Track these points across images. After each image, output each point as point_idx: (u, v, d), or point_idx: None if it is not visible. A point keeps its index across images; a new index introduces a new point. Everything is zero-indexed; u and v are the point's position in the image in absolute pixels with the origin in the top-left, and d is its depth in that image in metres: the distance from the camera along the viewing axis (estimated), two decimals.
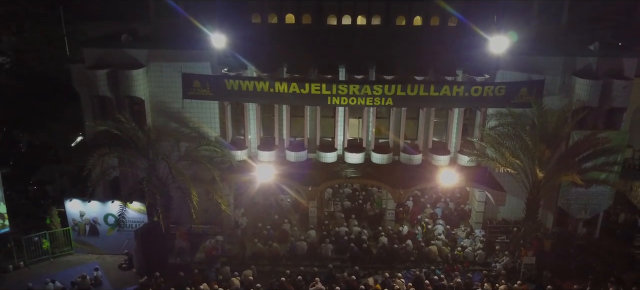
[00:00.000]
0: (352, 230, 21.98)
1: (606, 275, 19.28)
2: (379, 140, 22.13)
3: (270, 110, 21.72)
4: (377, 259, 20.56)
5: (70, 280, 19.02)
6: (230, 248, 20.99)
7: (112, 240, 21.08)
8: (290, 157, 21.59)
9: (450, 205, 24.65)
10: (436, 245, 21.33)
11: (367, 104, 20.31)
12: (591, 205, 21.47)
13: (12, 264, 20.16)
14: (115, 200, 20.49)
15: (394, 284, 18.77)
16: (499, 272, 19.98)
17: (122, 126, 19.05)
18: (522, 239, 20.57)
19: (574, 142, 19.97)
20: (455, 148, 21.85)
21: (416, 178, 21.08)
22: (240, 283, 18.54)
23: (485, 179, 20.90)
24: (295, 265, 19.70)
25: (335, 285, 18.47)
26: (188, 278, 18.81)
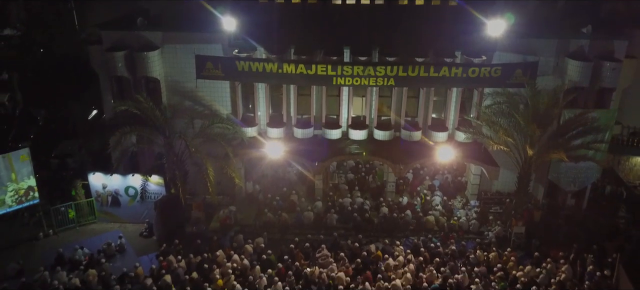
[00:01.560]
0: (355, 201, 23.53)
1: (590, 243, 20.82)
2: (381, 118, 23.42)
3: (279, 89, 22.97)
4: (379, 228, 22.12)
5: (97, 247, 20.69)
6: (243, 217, 22.58)
7: (133, 210, 22.69)
8: (297, 134, 22.98)
9: (448, 177, 26.13)
10: (433, 215, 22.88)
11: (370, 84, 21.50)
12: (580, 178, 22.83)
13: (42, 232, 21.80)
14: (135, 174, 22.02)
15: (393, 251, 20.38)
16: (491, 240, 21.57)
17: (140, 106, 20.34)
18: (514, 210, 22.11)
19: (564, 121, 21.22)
20: (453, 125, 23.17)
21: (416, 154, 22.49)
22: (252, 249, 20.21)
23: (480, 154, 22.26)
24: (303, 234, 21.29)
25: (339, 251, 20.09)
26: (205, 245, 20.50)
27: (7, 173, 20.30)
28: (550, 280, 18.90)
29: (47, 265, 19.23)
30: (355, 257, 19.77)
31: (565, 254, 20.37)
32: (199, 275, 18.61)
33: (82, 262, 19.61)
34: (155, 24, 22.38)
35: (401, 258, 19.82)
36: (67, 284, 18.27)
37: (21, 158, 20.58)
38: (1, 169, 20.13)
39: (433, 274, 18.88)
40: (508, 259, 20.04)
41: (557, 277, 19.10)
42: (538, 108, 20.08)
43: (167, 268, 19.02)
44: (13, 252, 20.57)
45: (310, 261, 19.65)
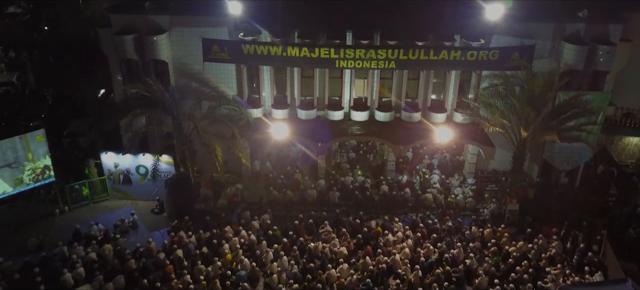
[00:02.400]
0: (357, 179, 24.49)
1: (580, 220, 21.78)
2: (382, 99, 24.17)
3: (283, 72, 23.66)
4: (379, 205, 23.08)
5: (111, 223, 21.76)
6: (249, 195, 23.57)
7: (144, 188, 23.68)
8: (301, 115, 23.77)
9: (446, 156, 27.01)
10: (432, 193, 23.85)
11: (372, 67, 22.16)
12: (573, 158, 23.68)
13: (58, 209, 22.85)
14: (145, 153, 22.95)
15: (392, 227, 21.40)
16: (486, 217, 22.55)
17: (150, 88, 21.13)
18: (508, 188, 23.07)
19: (559, 103, 21.94)
20: (451, 106, 23.94)
21: (415, 134, 23.31)
22: (259, 225, 21.25)
23: (477, 135, 23.08)
24: (307, 211, 22.30)
25: (341, 227, 21.14)
26: (214, 221, 21.55)
27: (24, 153, 21.22)
28: (541, 255, 19.93)
29: (65, 240, 20.31)
30: (356, 232, 20.83)
31: (556, 230, 21.38)
32: (209, 250, 19.68)
33: (98, 237, 20.66)
34: (163, 7, 22.90)
35: (400, 234, 20.84)
36: (84, 258, 19.34)
37: (37, 138, 21.48)
38: (18, 149, 21.04)
39: (430, 249, 19.92)
40: (502, 235, 21.03)
41: (548, 252, 20.16)
42: (533, 91, 20.79)
43: (178, 243, 20.10)
44: (32, 228, 21.65)
45: (313, 236, 20.69)
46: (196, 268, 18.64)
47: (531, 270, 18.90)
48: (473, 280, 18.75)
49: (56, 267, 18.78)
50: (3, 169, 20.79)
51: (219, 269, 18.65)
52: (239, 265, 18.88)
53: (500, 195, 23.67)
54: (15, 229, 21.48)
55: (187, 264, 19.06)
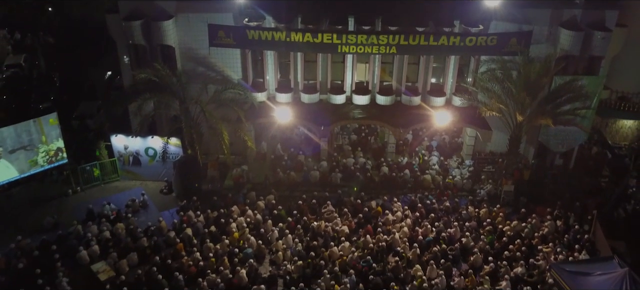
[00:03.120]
0: (358, 161, 25.30)
1: (573, 201, 22.67)
2: (383, 83, 24.83)
3: (287, 56, 24.28)
4: (379, 185, 23.96)
5: (123, 203, 22.60)
6: (254, 176, 24.42)
7: (152, 169, 24.51)
8: (304, 99, 24.47)
9: (445, 138, 27.76)
10: (430, 174, 24.68)
11: (373, 52, 22.79)
12: (568, 140, 24.40)
13: (71, 189, 23.73)
14: (154, 136, 23.73)
15: (392, 207, 22.28)
16: (482, 197, 23.43)
17: (158, 73, 21.76)
18: (505, 170, 23.89)
19: (555, 87, 22.57)
20: (451, 90, 24.60)
21: (415, 118, 24.04)
22: (264, 205, 22.14)
23: (475, 118, 23.77)
24: (310, 191, 23.14)
25: (343, 207, 22.01)
26: (220, 201, 22.45)
27: (38, 136, 22.02)
28: (534, 234, 20.83)
29: (79, 219, 21.25)
30: (357, 212, 21.73)
31: (549, 210, 22.25)
32: (217, 229, 20.61)
33: (110, 217, 21.59)
34: None
35: (399, 213, 21.73)
36: (98, 236, 20.32)
37: (50, 121, 22.25)
38: (33, 132, 21.83)
39: (428, 228, 20.83)
40: (497, 214, 21.91)
41: (541, 231, 21.06)
42: (529, 76, 21.41)
43: (187, 222, 21.03)
44: (46, 207, 22.53)
45: (316, 216, 21.56)
46: (205, 246, 19.60)
47: (524, 248, 19.87)
48: (468, 258, 19.71)
49: (72, 244, 19.77)
50: (18, 151, 21.61)
51: (227, 246, 19.60)
52: (246, 243, 19.83)
53: (496, 177, 24.50)
54: (31, 208, 22.38)
55: (197, 242, 20.02)
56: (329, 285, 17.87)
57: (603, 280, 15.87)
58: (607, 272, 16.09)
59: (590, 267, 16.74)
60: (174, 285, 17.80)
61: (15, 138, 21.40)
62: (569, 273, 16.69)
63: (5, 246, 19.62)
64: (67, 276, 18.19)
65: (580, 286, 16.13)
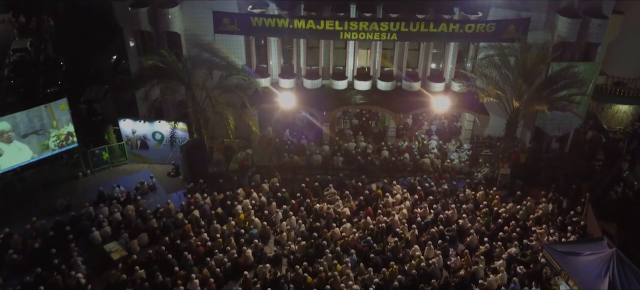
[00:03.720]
0: (359, 145, 26.00)
1: (567, 183, 23.43)
2: (384, 69, 25.38)
3: (290, 42, 24.80)
4: (379, 169, 24.69)
5: (131, 185, 23.37)
6: (259, 159, 25.16)
7: (159, 152, 25.26)
8: (307, 84, 25.07)
9: (444, 122, 28.40)
10: (429, 158, 25.39)
11: (374, 39, 23.31)
12: (564, 124, 24.95)
13: (81, 172, 24.49)
14: (161, 121, 24.42)
15: (392, 189, 23.06)
16: (480, 180, 24.17)
17: (165, 60, 22.33)
18: (501, 154, 24.59)
19: (551, 73, 23.10)
20: (450, 76, 25.17)
21: (415, 103, 24.65)
22: (268, 188, 22.92)
23: (473, 103, 24.37)
24: (312, 175, 23.91)
25: (345, 190, 22.76)
26: (226, 184, 23.22)
27: (49, 121, 22.70)
28: (528, 216, 21.58)
29: (90, 201, 22.08)
30: (358, 194, 22.51)
31: (544, 193, 23.02)
32: (223, 210, 21.42)
33: (120, 199, 22.39)
34: None
35: (399, 196, 22.52)
36: (110, 217, 21.16)
37: (61, 107, 22.91)
38: (44, 117, 22.51)
39: (426, 210, 21.62)
40: (493, 197, 22.66)
41: (535, 213, 21.84)
42: (526, 63, 21.95)
43: (194, 204, 21.83)
44: (58, 189, 23.33)
45: (319, 198, 22.34)
46: (212, 227, 20.43)
47: (518, 229, 20.64)
48: (465, 239, 20.52)
49: (85, 225, 20.62)
50: (30, 136, 22.32)
51: (233, 227, 20.43)
52: (251, 224, 20.64)
53: (493, 160, 25.21)
54: (43, 190, 23.18)
55: (204, 223, 20.83)
56: (331, 264, 18.71)
57: (592, 259, 16.63)
58: (595, 252, 16.82)
59: (580, 248, 17.48)
60: (184, 264, 18.63)
61: (28, 123, 22.10)
62: (560, 253, 17.46)
63: (21, 226, 20.45)
64: (81, 255, 19.06)
65: (570, 266, 16.90)
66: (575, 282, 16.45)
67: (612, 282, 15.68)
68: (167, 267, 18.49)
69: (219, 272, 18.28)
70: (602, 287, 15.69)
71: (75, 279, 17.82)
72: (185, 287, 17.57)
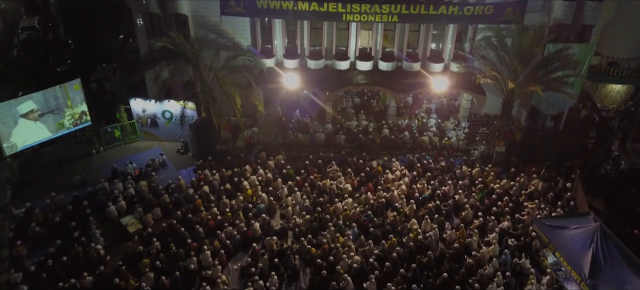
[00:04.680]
0: (361, 124, 26.97)
1: (560, 160, 24.45)
2: (385, 50, 26.15)
3: (294, 24, 25.51)
4: (380, 146, 25.69)
5: (143, 162, 24.43)
6: (264, 137, 26.18)
7: (169, 130, 26.25)
8: (310, 64, 25.89)
9: (443, 101, 29.28)
10: (428, 136, 26.37)
11: (376, 20, 24.07)
12: (558, 103, 25.86)
13: (94, 149, 25.55)
14: (170, 100, 25.36)
15: (391, 166, 24.15)
16: (476, 157, 25.21)
17: (174, 41, 23.15)
18: (497, 132, 25.56)
19: (547, 54, 23.88)
20: (449, 57, 25.95)
21: (415, 83, 25.51)
22: (274, 165, 24.00)
23: (471, 84, 25.21)
24: (316, 152, 24.94)
25: (346, 167, 23.87)
26: (234, 161, 24.31)
27: (64, 100, 23.66)
28: (521, 192, 22.70)
29: (105, 176, 23.22)
30: (359, 171, 23.59)
31: (537, 169, 24.07)
32: (232, 186, 22.54)
33: (133, 175, 23.52)
34: None
35: (398, 172, 23.60)
36: (124, 193, 22.32)
37: (74, 87, 23.84)
38: (59, 97, 23.46)
39: (424, 186, 22.73)
40: (488, 173, 23.73)
41: (528, 189, 22.94)
42: (522, 45, 22.73)
43: (204, 180, 22.94)
44: (73, 166, 24.42)
45: (322, 175, 23.45)
46: (221, 202, 21.59)
47: (511, 204, 21.76)
48: (460, 213, 21.65)
49: (101, 200, 21.77)
50: (47, 115, 23.31)
51: (241, 202, 21.59)
52: (258, 200, 21.79)
53: (490, 138, 26.18)
54: (59, 167, 24.28)
55: (214, 198, 21.97)
56: (333, 236, 19.89)
57: (577, 233, 17.74)
58: (581, 226, 17.92)
59: (567, 222, 18.57)
60: (195, 236, 19.84)
61: (44, 103, 23.06)
62: (549, 227, 18.56)
63: (40, 201, 21.62)
64: (99, 229, 20.28)
65: (558, 239, 18.03)
66: (561, 254, 17.59)
67: (595, 253, 16.79)
68: (180, 239, 19.67)
69: (229, 244, 19.49)
70: (586, 259, 16.80)
71: (95, 250, 19.08)
72: (197, 258, 18.81)
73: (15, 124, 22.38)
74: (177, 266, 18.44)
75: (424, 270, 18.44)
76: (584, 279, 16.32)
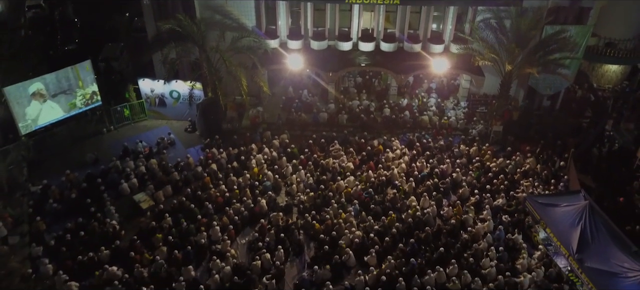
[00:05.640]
0: (363, 103, 27.70)
1: (555, 139, 25.23)
2: (387, 31, 26.71)
3: (297, 5, 26.02)
4: (381, 126, 26.47)
5: (152, 140, 25.27)
6: (269, 116, 26.98)
7: (176, 110, 27.06)
8: (313, 45, 26.49)
9: (443, 80, 29.93)
10: (428, 115, 27.14)
11: (378, 2, 24.57)
12: (555, 84, 26.56)
13: (105, 128, 26.41)
14: (178, 80, 26.09)
15: (392, 145, 24.98)
16: (474, 136, 26.01)
17: (181, 23, 23.74)
18: (495, 112, 26.31)
19: (545, 36, 24.44)
20: (449, 38, 26.51)
21: (415, 64, 26.15)
22: (279, 144, 24.87)
23: (470, 65, 25.87)
24: (319, 131, 25.73)
25: (348, 146, 24.71)
26: (240, 139, 25.19)
27: (75, 81, 24.41)
28: (516, 170, 23.57)
29: (116, 155, 24.12)
30: (361, 150, 24.42)
31: (532, 148, 24.88)
32: (238, 164, 23.47)
33: (143, 153, 24.42)
34: None
35: (398, 151, 24.39)
36: (135, 170, 23.27)
37: (86, 68, 24.53)
38: (71, 78, 24.19)
39: (423, 164, 23.59)
40: (485, 152, 24.57)
41: (523, 167, 23.81)
42: (520, 27, 23.29)
43: (212, 158, 23.82)
44: (85, 144, 25.30)
45: (325, 153, 24.29)
46: (229, 179, 22.51)
47: (506, 182, 22.66)
48: (457, 191, 22.56)
49: (113, 178, 22.73)
50: (59, 95, 24.09)
51: (248, 180, 22.53)
52: (264, 177, 22.69)
53: (488, 117, 26.95)
54: (72, 145, 25.18)
55: (221, 176, 22.88)
56: (336, 212, 20.84)
57: (568, 210, 18.61)
58: (572, 204, 18.77)
59: (558, 200, 19.44)
60: (205, 212, 20.83)
61: (56, 83, 23.80)
62: (541, 204, 19.40)
63: (56, 178, 22.58)
64: (113, 205, 21.28)
65: (549, 215, 18.89)
66: (552, 230, 18.52)
67: (583, 230, 17.67)
68: (191, 215, 20.64)
69: (237, 219, 20.50)
70: (574, 235, 17.70)
71: (111, 226, 20.14)
72: (207, 233, 19.86)
73: (29, 104, 23.21)
74: (188, 241, 19.48)
75: (421, 245, 19.46)
76: (572, 253, 17.29)
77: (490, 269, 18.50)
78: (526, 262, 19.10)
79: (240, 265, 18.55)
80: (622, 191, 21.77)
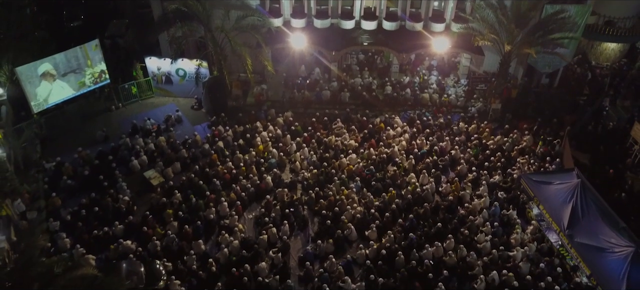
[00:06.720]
0: (364, 81, 28.25)
1: (552, 117, 25.85)
2: (389, 9, 27.02)
3: None
4: (383, 104, 27.11)
5: (160, 118, 25.94)
6: (273, 94, 27.60)
7: (183, 87, 27.68)
8: (317, 24, 26.87)
9: (444, 58, 30.35)
10: (428, 93, 27.72)
11: None
12: (554, 62, 27.01)
13: (114, 105, 27.10)
14: (183, 59, 26.61)
15: (393, 123, 25.68)
16: (473, 114, 26.65)
17: (186, 3, 24.14)
18: (494, 90, 26.88)
19: (543, 17, 24.76)
20: (450, 17, 26.85)
21: (417, 43, 26.58)
22: (283, 121, 25.57)
23: (470, 44, 26.25)
24: (322, 109, 26.36)
25: (351, 123, 25.41)
26: (245, 117, 25.89)
27: (84, 60, 24.99)
28: (513, 147, 24.27)
29: (126, 132, 24.86)
30: (363, 128, 25.12)
31: (530, 125, 25.50)
32: (244, 142, 24.23)
33: (152, 131, 25.15)
34: None
35: (399, 129, 25.10)
36: (144, 148, 24.06)
37: (93, 47, 25.09)
38: (79, 57, 24.77)
39: (423, 142, 24.32)
40: (484, 130, 25.23)
41: (520, 145, 24.52)
42: (520, 7, 23.63)
43: (218, 136, 24.59)
44: (95, 122, 26.05)
45: (328, 131, 25.00)
46: (235, 157, 23.32)
47: (503, 159, 23.41)
48: (456, 167, 23.35)
49: (124, 155, 23.55)
50: (69, 74, 24.73)
51: (254, 157, 23.32)
52: (270, 155, 23.49)
53: (487, 95, 27.52)
54: (82, 123, 25.93)
55: (228, 153, 23.67)
56: (338, 189, 21.69)
57: (560, 188, 19.45)
58: (564, 181, 19.59)
59: (552, 178, 20.26)
60: (213, 188, 21.71)
61: (66, 63, 24.41)
62: (535, 182, 20.27)
63: (68, 155, 23.38)
64: (124, 181, 22.16)
65: (542, 193, 19.77)
66: (544, 207, 19.43)
67: (575, 207, 18.56)
68: (199, 191, 21.50)
69: (244, 195, 21.41)
70: (566, 212, 18.60)
71: (124, 201, 21.07)
72: (216, 209, 20.80)
73: (40, 83, 23.84)
74: (197, 216, 20.43)
75: (420, 220, 20.35)
76: (563, 229, 18.23)
77: (485, 243, 19.44)
78: (519, 237, 19.93)
79: (248, 239, 19.54)
80: (614, 168, 22.49)
